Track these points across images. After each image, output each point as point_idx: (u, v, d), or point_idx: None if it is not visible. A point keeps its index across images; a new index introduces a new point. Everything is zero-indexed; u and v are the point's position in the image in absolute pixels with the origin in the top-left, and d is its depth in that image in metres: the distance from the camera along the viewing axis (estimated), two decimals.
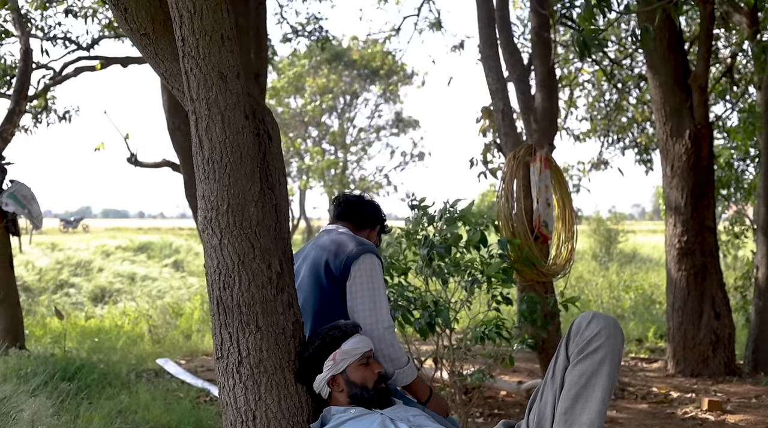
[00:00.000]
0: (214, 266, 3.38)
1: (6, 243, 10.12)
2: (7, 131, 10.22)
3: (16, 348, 9.24)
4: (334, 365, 3.31)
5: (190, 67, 3.28)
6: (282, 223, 3.56)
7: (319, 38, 16.19)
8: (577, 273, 19.87)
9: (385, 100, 37.44)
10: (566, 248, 6.31)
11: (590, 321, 2.96)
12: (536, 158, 6.08)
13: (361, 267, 3.61)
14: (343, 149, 37.82)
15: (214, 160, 3.30)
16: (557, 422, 2.89)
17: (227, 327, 3.38)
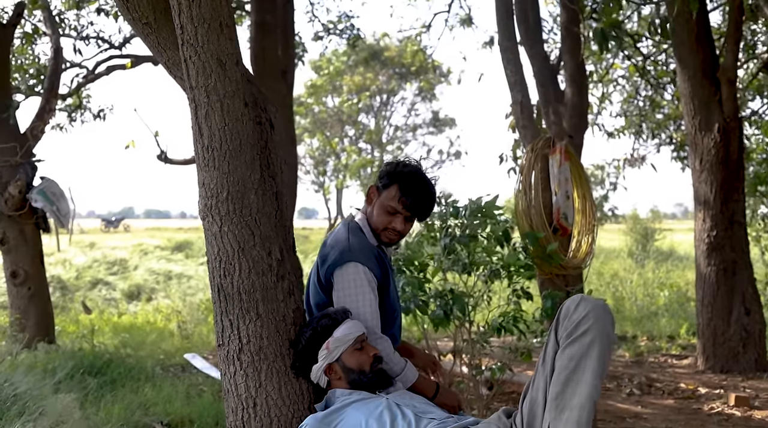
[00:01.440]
0: (215, 254, 3.39)
1: (36, 240, 10.23)
2: (37, 128, 10.32)
3: (45, 342, 9.33)
4: (328, 353, 3.30)
5: (189, 54, 3.29)
6: (283, 211, 3.56)
7: (350, 36, 16.21)
8: (612, 271, 19.70)
9: (421, 98, 37.38)
10: (586, 241, 6.26)
11: (578, 304, 2.93)
12: (555, 150, 6.03)
13: (344, 277, 3.51)
14: (379, 147, 37.83)
15: (214, 147, 3.31)
16: (548, 407, 2.86)
17: (228, 315, 3.39)
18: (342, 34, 16.32)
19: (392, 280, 3.74)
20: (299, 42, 15.40)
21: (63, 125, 14.03)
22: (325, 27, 16.18)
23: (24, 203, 9.88)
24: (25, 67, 13.07)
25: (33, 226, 10.12)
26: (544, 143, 6.05)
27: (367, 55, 33.42)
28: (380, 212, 3.62)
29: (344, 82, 34.90)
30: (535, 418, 2.93)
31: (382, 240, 3.67)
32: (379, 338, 3.52)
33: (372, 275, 3.52)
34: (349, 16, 16.16)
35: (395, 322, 3.82)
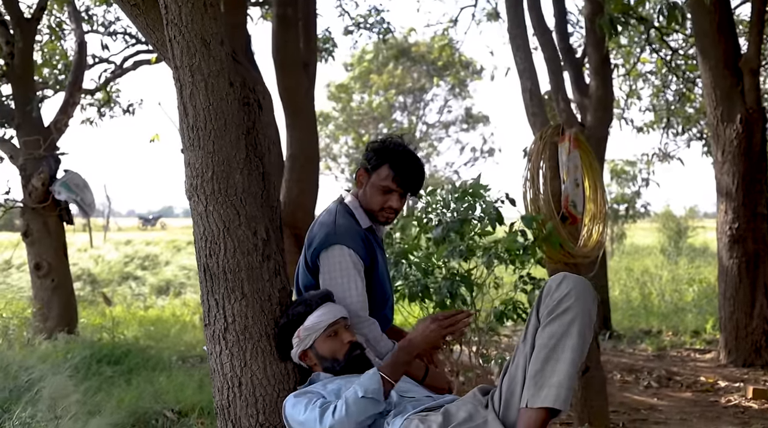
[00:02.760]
0: (201, 233, 3.40)
1: (60, 232, 10.33)
2: (61, 121, 10.43)
3: (65, 332, 9.42)
4: (300, 341, 3.29)
5: (173, 34, 3.30)
6: (271, 191, 3.57)
7: (380, 31, 16.18)
8: (643, 267, 19.55)
9: (453, 95, 37.25)
10: (597, 230, 6.20)
11: (560, 282, 2.90)
12: (565, 137, 5.97)
13: (329, 260, 3.49)
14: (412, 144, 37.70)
15: (198, 127, 3.32)
16: (527, 384, 2.83)
17: (213, 294, 3.40)
18: (372, 28, 16.26)
19: (381, 262, 3.70)
20: (329, 37, 15.43)
21: (93, 120, 14.16)
22: (355, 21, 16.14)
23: (47, 195, 9.99)
24: (54, 62, 13.21)
25: (56, 218, 10.23)
26: (553, 131, 5.99)
27: (396, 52, 33.39)
28: (374, 192, 3.60)
29: (373, 80, 34.86)
30: (513, 395, 2.90)
31: (379, 220, 3.65)
32: (365, 320, 3.50)
33: (358, 258, 3.50)
34: (379, 10, 16.08)
35: (387, 303, 3.80)
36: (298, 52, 10.54)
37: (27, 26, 10.20)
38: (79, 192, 9.97)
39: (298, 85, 10.47)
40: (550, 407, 2.76)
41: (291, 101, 10.41)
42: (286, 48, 10.38)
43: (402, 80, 35.58)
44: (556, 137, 6.03)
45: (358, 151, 36.60)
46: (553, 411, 2.79)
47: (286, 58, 10.40)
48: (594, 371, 6.12)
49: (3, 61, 10.51)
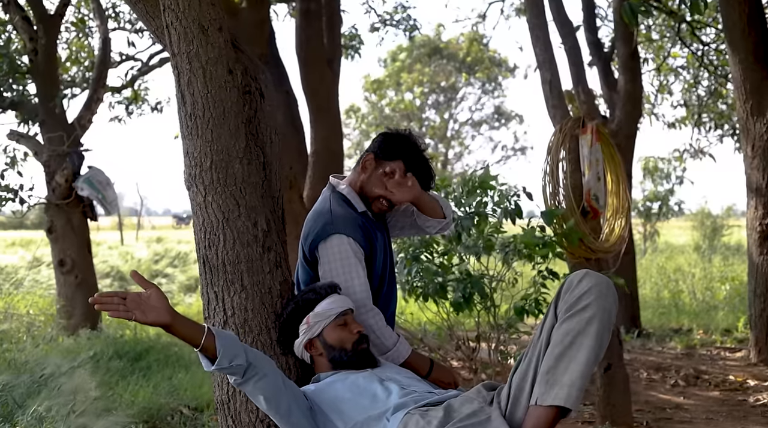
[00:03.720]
0: (200, 224, 3.33)
1: (83, 228, 10.34)
2: (84, 118, 10.44)
3: (88, 329, 9.41)
4: (308, 328, 3.20)
5: (170, 20, 3.24)
6: (272, 181, 3.48)
7: (407, 28, 16.09)
8: (675, 265, 19.30)
9: (484, 92, 37.09)
10: (619, 224, 6.06)
11: (582, 279, 2.79)
12: (586, 130, 5.85)
13: (328, 251, 3.39)
14: (443, 142, 37.66)
15: (197, 115, 3.25)
16: (539, 381, 2.73)
17: (213, 287, 3.33)
18: (398, 25, 16.17)
19: (381, 248, 3.59)
20: (355, 34, 15.37)
21: (121, 118, 14.18)
22: (381, 18, 16.06)
23: (71, 191, 10.00)
24: (80, 59, 13.25)
25: (80, 215, 10.24)
26: (573, 123, 5.86)
27: (429, 50, 33.32)
28: (378, 181, 3.50)
29: (404, 79, 34.79)
30: (523, 392, 2.80)
31: (372, 209, 3.55)
32: (370, 311, 3.41)
33: (358, 246, 3.41)
34: (405, 6, 15.98)
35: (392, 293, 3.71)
36: (321, 48, 10.50)
37: (50, 22, 10.22)
38: (101, 189, 9.97)
39: (321, 81, 10.44)
40: (561, 406, 2.66)
41: (315, 97, 10.38)
42: (309, 44, 10.35)
43: (433, 78, 35.49)
44: (577, 129, 5.90)
45: None
46: (563, 411, 2.69)
47: (310, 54, 10.37)
48: (617, 368, 6.00)
49: (27, 58, 10.52)
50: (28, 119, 10.70)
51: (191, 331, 2.84)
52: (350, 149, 38.13)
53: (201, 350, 2.81)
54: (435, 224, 3.81)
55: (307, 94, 10.41)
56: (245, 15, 9.52)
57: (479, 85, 36.70)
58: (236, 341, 2.91)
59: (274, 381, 2.91)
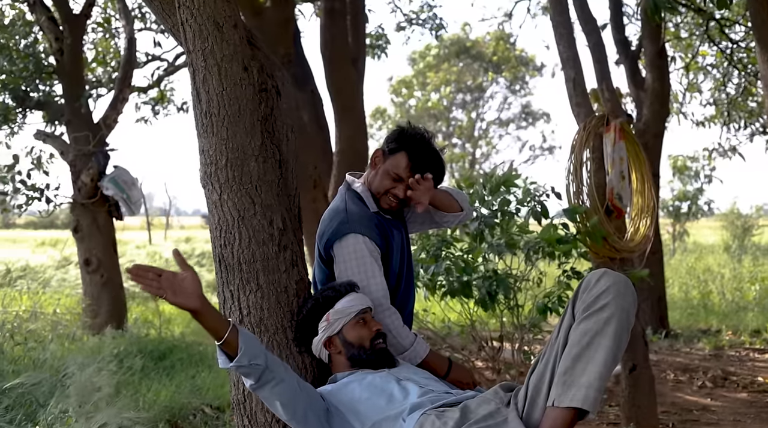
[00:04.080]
0: (215, 223, 3.31)
1: (109, 228, 10.38)
2: (110, 117, 10.48)
3: (113, 328, 9.43)
4: (328, 325, 3.17)
5: (185, 17, 3.22)
6: (288, 179, 3.46)
7: (433, 27, 16.04)
8: (705, 265, 19.12)
9: (511, 91, 36.94)
10: (644, 224, 5.99)
11: (600, 278, 2.74)
12: (610, 128, 5.78)
13: (344, 250, 3.36)
14: (471, 142, 37.55)
15: (212, 113, 3.23)
16: (556, 382, 2.68)
17: (228, 285, 3.30)
18: (424, 24, 16.12)
19: (397, 246, 3.55)
20: (381, 33, 15.34)
21: (147, 119, 14.23)
22: (408, 17, 16.02)
23: (96, 191, 10.03)
24: (107, 59, 13.30)
25: (106, 214, 10.28)
26: (597, 122, 5.79)
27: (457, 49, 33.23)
28: (384, 177, 3.45)
29: (430, 78, 34.71)
30: (540, 393, 2.75)
31: (381, 206, 3.49)
32: (386, 310, 3.37)
33: (374, 245, 3.37)
34: (432, 5, 15.92)
35: (409, 291, 3.68)
36: (346, 47, 10.49)
37: (75, 22, 10.26)
38: (126, 189, 10.00)
39: (346, 80, 10.43)
40: (578, 407, 2.61)
41: (339, 97, 10.38)
42: (334, 43, 10.35)
43: (459, 77, 35.40)
44: (601, 127, 5.84)
45: None
46: (580, 413, 2.64)
47: (335, 53, 10.36)
48: (642, 369, 5.93)
49: (53, 58, 10.56)
50: (54, 119, 10.75)
51: (217, 323, 2.83)
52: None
53: (222, 344, 2.79)
54: (452, 219, 3.78)
55: (332, 94, 10.40)
56: (269, 14, 9.52)
57: (506, 85, 36.54)
58: (258, 341, 2.89)
59: (290, 386, 2.88)
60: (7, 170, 10.03)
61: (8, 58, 10.33)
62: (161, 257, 20.72)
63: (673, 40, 13.91)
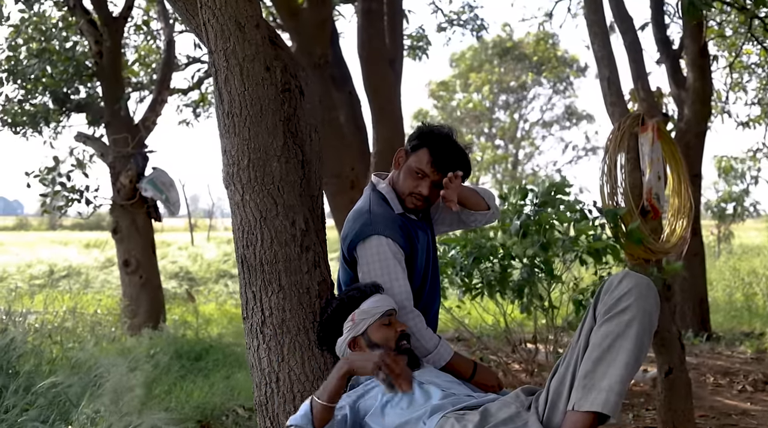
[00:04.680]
0: (238, 223, 3.30)
1: (148, 229, 10.45)
2: (149, 119, 10.57)
3: (150, 328, 9.49)
4: (353, 326, 3.14)
5: (207, 17, 3.22)
6: (311, 180, 3.44)
7: (474, 27, 15.96)
8: (750, 267, 18.85)
9: (555, 92, 36.70)
10: (681, 225, 5.89)
11: (622, 280, 2.69)
12: (646, 127, 5.69)
13: (367, 251, 3.32)
14: (513, 143, 37.39)
15: (234, 113, 3.22)
16: (576, 385, 2.63)
17: (251, 286, 3.30)
18: (465, 25, 16.05)
19: (422, 248, 3.50)
20: (422, 35, 15.31)
21: (189, 121, 14.33)
22: (448, 18, 15.95)
23: (135, 192, 10.11)
24: (148, 62, 13.41)
25: (144, 215, 10.36)
26: (632, 121, 5.70)
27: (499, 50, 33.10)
28: (407, 175, 3.41)
29: (472, 79, 34.58)
30: (561, 397, 2.71)
31: (407, 206, 3.44)
32: (410, 312, 3.33)
33: (397, 247, 3.33)
34: (473, 6, 15.84)
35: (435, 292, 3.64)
36: (383, 48, 10.46)
37: (114, 25, 10.35)
38: (164, 190, 10.06)
39: (383, 81, 10.39)
40: (599, 412, 2.56)
41: (377, 97, 10.34)
42: (371, 44, 10.31)
43: (501, 78, 35.24)
44: (636, 127, 5.75)
45: None
46: (601, 417, 2.58)
47: (372, 53, 10.33)
48: (678, 373, 5.83)
49: (92, 61, 10.66)
50: (94, 121, 10.85)
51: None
52: None
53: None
54: (480, 217, 3.73)
55: (369, 95, 10.37)
56: (306, 15, 9.54)
57: (550, 85, 36.31)
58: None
59: None
60: (47, 171, 10.13)
61: (48, 61, 10.43)
62: (203, 259, 20.84)
63: (716, 39, 13.72)
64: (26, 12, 10.66)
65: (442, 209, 3.71)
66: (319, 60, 9.51)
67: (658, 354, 5.89)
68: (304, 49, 9.51)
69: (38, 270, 17.66)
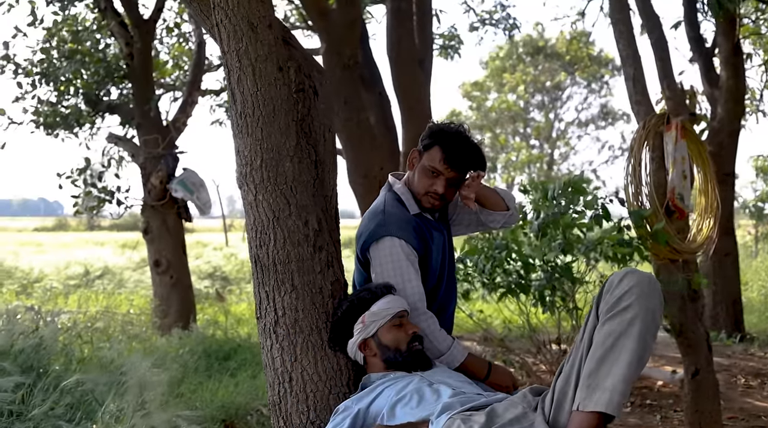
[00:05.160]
0: (251, 223, 3.31)
1: (178, 229, 10.52)
2: (179, 120, 10.64)
3: (180, 328, 9.55)
4: (363, 328, 3.14)
5: (220, 18, 3.23)
6: (325, 180, 3.44)
7: (506, 27, 15.90)
8: None
9: (590, 91, 36.46)
10: (707, 225, 5.83)
11: (623, 278, 2.67)
12: (671, 126, 5.64)
13: (380, 253, 3.32)
14: (549, 143, 37.21)
15: (246, 113, 3.23)
16: (581, 386, 2.62)
17: (264, 286, 3.30)
18: (498, 24, 15.98)
19: (437, 249, 3.49)
20: (454, 34, 15.28)
21: (222, 121, 14.41)
22: (480, 18, 15.89)
23: (165, 193, 10.18)
24: (181, 63, 13.50)
25: (175, 216, 10.42)
26: (657, 120, 5.65)
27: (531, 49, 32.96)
28: (421, 175, 3.41)
29: (506, 79, 34.44)
30: (566, 397, 2.69)
31: (423, 205, 3.44)
32: (422, 314, 3.33)
33: (410, 248, 3.32)
34: (505, 5, 15.77)
35: (451, 293, 3.62)
36: (413, 48, 10.45)
37: (145, 27, 10.43)
38: (195, 190, 10.12)
39: (413, 81, 10.38)
40: (602, 412, 2.54)
41: (406, 98, 10.34)
42: (400, 44, 10.31)
43: (536, 78, 35.08)
44: (661, 126, 5.70)
45: (493, 150, 36.31)
46: (607, 417, 2.57)
47: (401, 54, 10.32)
48: (705, 374, 5.78)
49: (124, 62, 10.74)
50: (126, 122, 10.94)
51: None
52: None
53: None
54: (499, 218, 3.71)
55: (399, 95, 10.37)
56: (335, 16, 9.54)
57: (585, 85, 36.08)
58: None
59: None
60: (79, 172, 10.22)
61: (81, 62, 10.53)
62: (237, 259, 20.93)
63: (752, 37, 13.57)
64: (59, 14, 10.78)
65: (461, 209, 3.69)
66: (349, 61, 9.51)
67: (684, 355, 5.84)
68: (334, 50, 9.52)
69: (74, 271, 17.85)
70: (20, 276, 16.71)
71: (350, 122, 9.60)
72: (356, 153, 9.62)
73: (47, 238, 35.10)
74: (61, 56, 10.69)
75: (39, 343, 6.26)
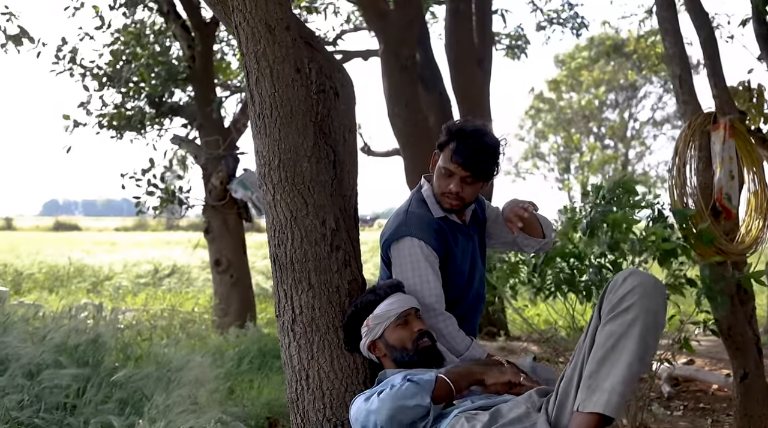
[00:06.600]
0: (270, 223, 3.37)
1: (238, 229, 10.66)
2: (240, 122, 10.78)
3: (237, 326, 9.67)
4: (369, 331, 3.18)
5: (238, 21, 3.28)
6: (344, 180, 3.48)
7: (574, 26, 15.74)
8: None
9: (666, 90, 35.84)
10: (757, 225, 5.72)
11: (626, 278, 2.66)
12: (719, 125, 5.54)
13: (400, 252, 3.35)
14: (623, 142, 36.72)
15: (265, 114, 3.28)
16: (582, 386, 2.61)
17: (282, 285, 3.35)
18: (565, 23, 15.82)
19: (461, 252, 3.48)
20: (521, 34, 15.20)
21: None
22: (548, 17, 15.76)
23: (226, 193, 10.32)
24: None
25: (236, 216, 10.57)
26: (704, 119, 5.56)
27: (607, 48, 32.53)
28: (438, 175, 3.41)
29: (583, 77, 34.09)
30: (568, 397, 2.69)
31: (443, 206, 3.43)
32: (439, 315, 3.33)
33: (430, 250, 3.33)
34: (572, 4, 15.60)
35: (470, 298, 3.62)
36: (471, 49, 10.44)
37: (206, 30, 10.60)
38: (255, 190, 10.23)
39: (471, 81, 10.38)
40: (601, 413, 2.53)
41: (465, 97, 10.33)
42: (459, 45, 10.31)
43: (613, 77, 34.65)
44: (708, 125, 5.61)
45: (567, 150, 36.00)
46: (606, 418, 2.55)
47: (459, 54, 10.33)
48: (754, 377, 5.66)
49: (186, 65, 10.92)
50: (189, 124, 11.13)
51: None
52: (526, 152, 37.74)
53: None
54: (534, 244, 3.73)
55: (458, 95, 10.38)
56: (393, 16, 9.57)
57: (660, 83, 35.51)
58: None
59: None
60: (142, 172, 10.42)
61: (145, 65, 10.74)
62: None
63: None
64: (128, 17, 11.01)
65: (501, 226, 3.68)
66: (406, 62, 9.54)
67: (733, 357, 5.73)
68: (391, 51, 9.56)
69: (143, 269, 18.20)
70: (90, 274, 17.07)
71: (409, 122, 9.64)
72: (414, 153, 9.66)
73: (123, 237, 35.79)
74: (126, 60, 10.91)
75: (95, 339, 6.37)
